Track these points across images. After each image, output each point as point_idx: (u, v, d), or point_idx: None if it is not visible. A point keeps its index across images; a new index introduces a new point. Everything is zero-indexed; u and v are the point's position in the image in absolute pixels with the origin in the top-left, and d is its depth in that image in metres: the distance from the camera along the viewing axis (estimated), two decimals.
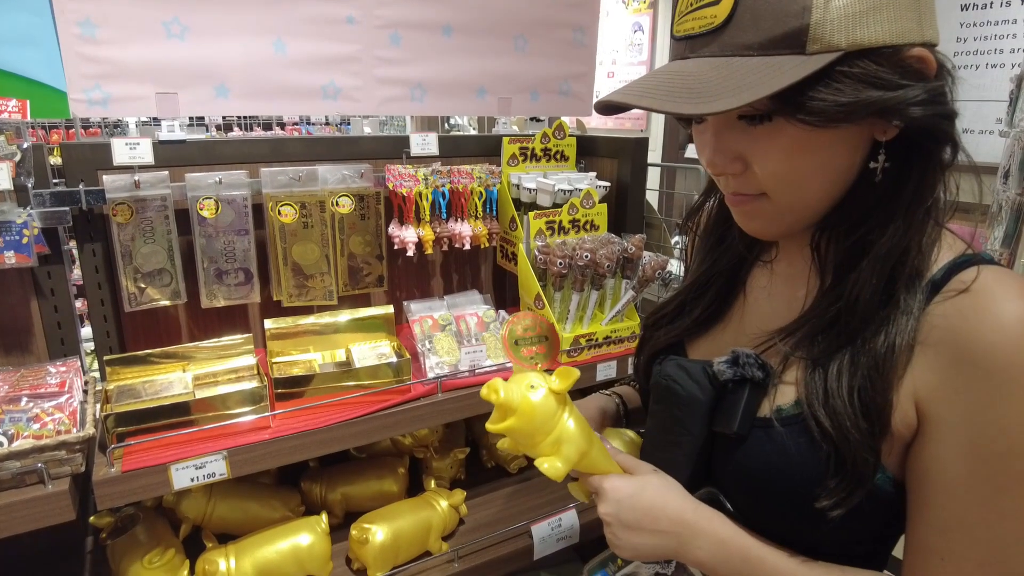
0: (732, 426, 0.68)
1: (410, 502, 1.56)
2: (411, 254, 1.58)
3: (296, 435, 1.25)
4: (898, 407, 0.61)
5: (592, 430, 0.76)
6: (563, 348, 1.53)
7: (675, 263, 1.79)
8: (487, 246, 1.70)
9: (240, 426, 1.24)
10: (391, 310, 1.56)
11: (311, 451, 1.28)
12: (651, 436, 0.80)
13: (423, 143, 1.65)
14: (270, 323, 1.47)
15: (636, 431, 0.95)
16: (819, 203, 0.65)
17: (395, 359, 1.42)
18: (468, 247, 1.64)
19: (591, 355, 1.58)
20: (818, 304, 0.68)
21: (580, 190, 1.65)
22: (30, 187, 1.27)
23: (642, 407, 0.94)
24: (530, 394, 0.70)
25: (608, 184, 1.76)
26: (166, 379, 1.34)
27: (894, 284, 0.62)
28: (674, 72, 0.60)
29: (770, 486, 0.68)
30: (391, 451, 1.76)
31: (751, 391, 0.68)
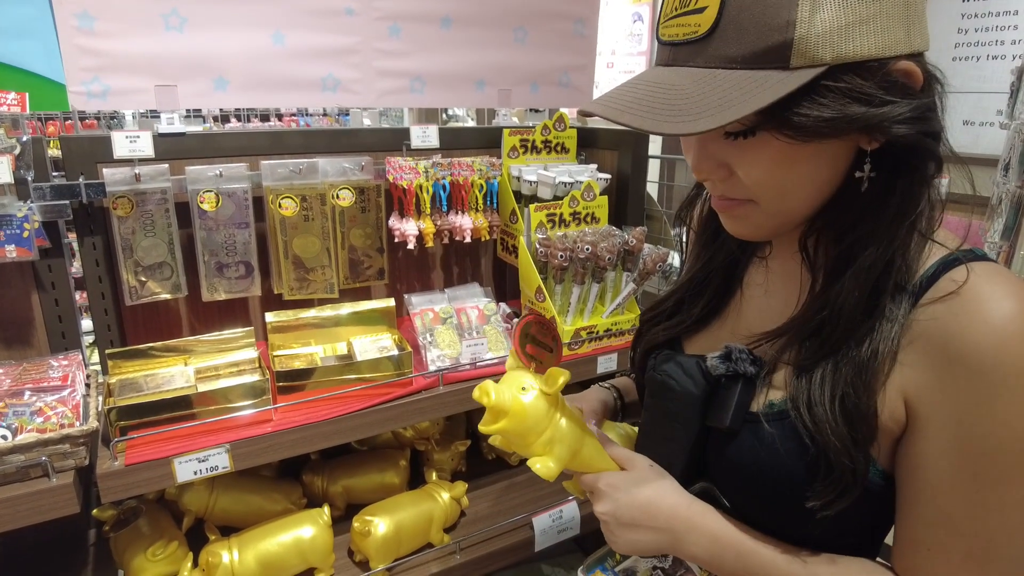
0: (724, 421, 0.69)
1: (411, 494, 1.57)
2: (412, 247, 1.58)
3: (298, 428, 1.25)
4: (887, 404, 0.62)
5: (586, 427, 0.76)
6: (564, 341, 1.54)
7: (676, 256, 1.79)
8: (488, 239, 1.70)
9: (242, 419, 1.24)
10: (392, 303, 1.56)
11: (313, 444, 1.28)
12: (645, 430, 0.81)
13: (423, 135, 1.65)
14: (271, 316, 1.47)
15: (631, 423, 0.96)
16: (806, 209, 0.65)
17: (396, 352, 1.42)
18: (469, 240, 1.64)
19: (592, 348, 1.58)
20: (804, 311, 0.68)
21: (581, 182, 1.65)
22: (30, 180, 1.27)
23: (639, 400, 0.94)
24: (522, 396, 0.70)
25: (609, 176, 1.76)
26: (168, 372, 1.34)
27: (878, 295, 0.63)
28: (656, 84, 0.59)
29: (760, 480, 0.68)
30: (392, 443, 1.76)
31: (743, 386, 0.69)
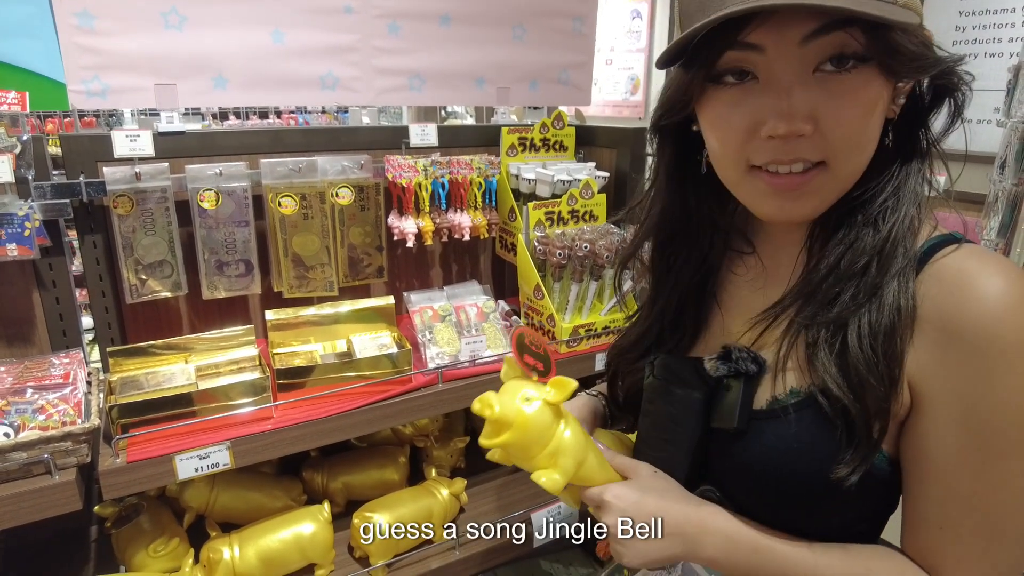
0: (732, 422, 0.69)
1: (411, 491, 1.58)
2: (411, 245, 1.58)
3: (298, 425, 1.26)
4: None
5: (588, 436, 0.75)
6: (562, 338, 1.55)
7: None
8: (486, 237, 1.71)
9: (243, 417, 1.25)
10: (391, 301, 1.57)
11: (313, 441, 1.29)
12: (644, 435, 0.80)
13: (422, 134, 1.65)
14: (271, 314, 1.48)
15: (620, 429, 0.95)
16: (860, 172, 0.65)
17: (396, 350, 1.43)
18: (467, 238, 1.65)
19: (590, 345, 1.59)
20: (809, 273, 0.69)
21: (579, 180, 1.66)
22: (31, 179, 1.27)
23: (624, 407, 0.94)
24: (525, 407, 0.67)
25: (607, 174, 1.77)
26: (169, 370, 1.35)
27: (892, 252, 0.64)
28: None
29: (771, 476, 0.68)
30: (392, 440, 1.77)
31: (746, 384, 0.69)
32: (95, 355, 1.49)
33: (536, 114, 1.92)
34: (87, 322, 1.51)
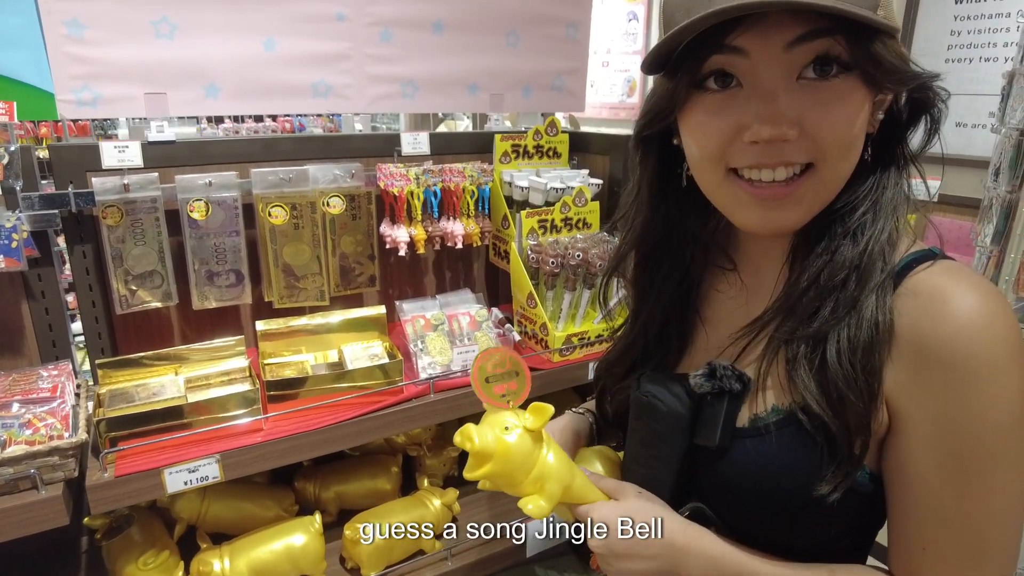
0: (714, 439, 0.69)
1: (403, 501, 1.58)
2: (403, 253, 1.58)
3: (289, 437, 1.25)
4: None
5: (571, 460, 0.75)
6: (555, 347, 1.54)
7: None
8: (479, 244, 1.70)
9: (233, 429, 1.24)
10: (383, 310, 1.56)
11: (304, 453, 1.28)
12: (632, 452, 0.80)
13: (414, 142, 1.65)
14: (262, 324, 1.47)
15: (610, 446, 0.94)
16: (843, 182, 0.65)
17: (387, 360, 1.42)
18: (460, 246, 1.64)
19: (583, 354, 1.59)
20: (790, 288, 0.69)
21: (572, 188, 1.65)
22: (19, 190, 1.26)
23: (609, 422, 0.94)
24: (505, 436, 0.67)
25: (601, 182, 1.76)
26: (159, 382, 1.34)
27: (870, 266, 0.64)
28: None
29: (754, 492, 0.69)
30: (384, 449, 1.76)
31: (730, 402, 0.69)
32: (87, 364, 1.48)
33: (530, 119, 1.92)
34: (76, 327, 1.50)
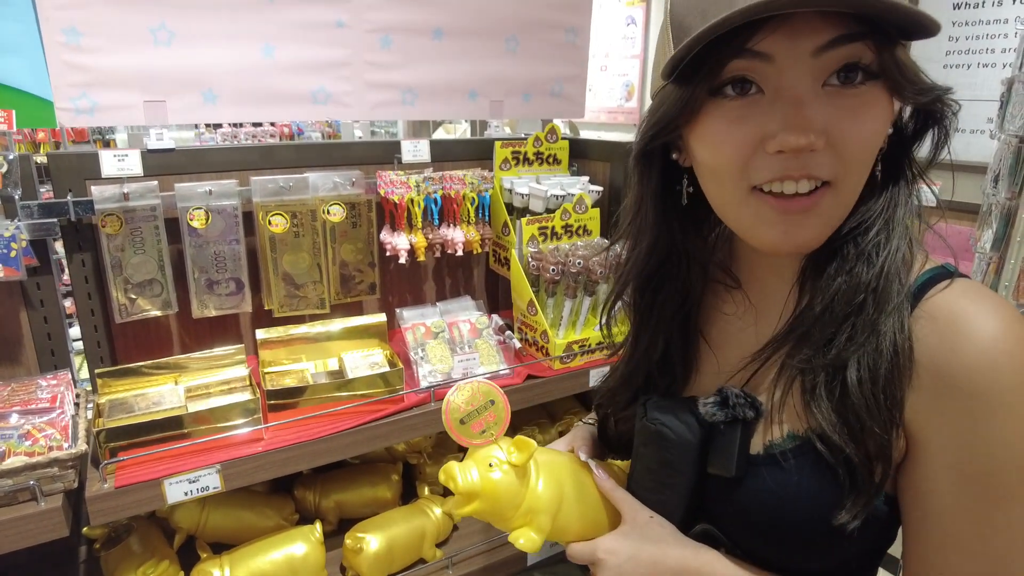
0: (731, 470, 0.67)
1: (404, 509, 1.57)
2: (403, 261, 1.57)
3: (289, 447, 1.25)
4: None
5: (571, 477, 0.74)
6: (556, 354, 1.54)
7: None
8: (480, 252, 1.70)
9: (233, 439, 1.24)
10: (383, 318, 1.56)
11: (304, 462, 1.28)
12: (639, 478, 0.78)
13: (415, 150, 1.65)
14: (262, 333, 1.46)
15: (615, 458, 0.93)
16: (855, 198, 0.63)
17: (387, 368, 1.42)
18: (461, 253, 1.64)
19: (584, 361, 1.58)
20: (806, 313, 0.66)
21: (573, 195, 1.65)
22: (17, 199, 1.26)
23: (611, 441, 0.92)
24: (491, 475, 0.66)
25: (601, 188, 1.76)
26: (158, 392, 1.34)
27: (887, 288, 0.62)
28: None
29: (770, 521, 0.67)
30: (385, 457, 1.76)
31: (743, 430, 0.67)
32: (85, 371, 1.48)
33: (529, 125, 1.91)
34: (74, 332, 1.49)
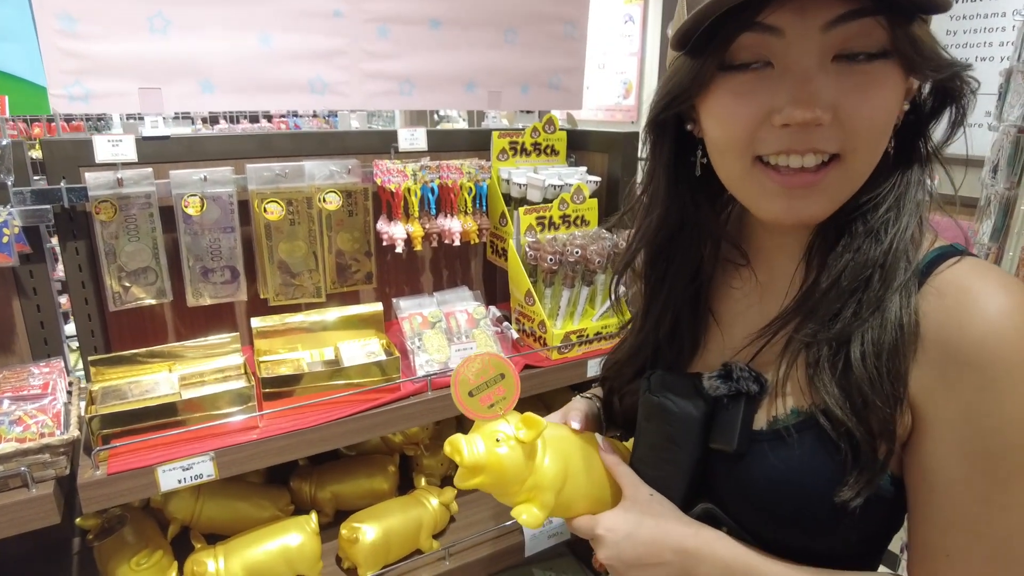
0: (732, 444, 0.66)
1: (400, 500, 1.56)
2: (400, 250, 1.56)
3: (284, 435, 1.24)
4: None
5: (575, 453, 0.73)
6: (554, 344, 1.53)
7: None
8: (477, 242, 1.69)
9: (228, 426, 1.23)
10: (380, 308, 1.55)
11: (300, 451, 1.27)
12: (641, 454, 0.77)
13: (412, 138, 1.64)
14: (257, 321, 1.45)
15: (614, 435, 0.92)
16: (867, 175, 0.62)
17: (384, 357, 1.41)
18: (458, 243, 1.63)
19: (582, 351, 1.57)
20: (813, 288, 0.66)
21: (570, 185, 1.64)
22: (10, 185, 1.25)
23: (614, 416, 0.92)
24: (497, 449, 0.65)
25: (599, 179, 1.75)
26: (152, 379, 1.32)
27: (895, 265, 0.62)
28: None
29: (773, 497, 0.66)
30: (381, 448, 1.75)
31: (747, 405, 0.67)
32: (80, 363, 1.46)
33: (527, 117, 1.91)
34: (69, 329, 1.48)
